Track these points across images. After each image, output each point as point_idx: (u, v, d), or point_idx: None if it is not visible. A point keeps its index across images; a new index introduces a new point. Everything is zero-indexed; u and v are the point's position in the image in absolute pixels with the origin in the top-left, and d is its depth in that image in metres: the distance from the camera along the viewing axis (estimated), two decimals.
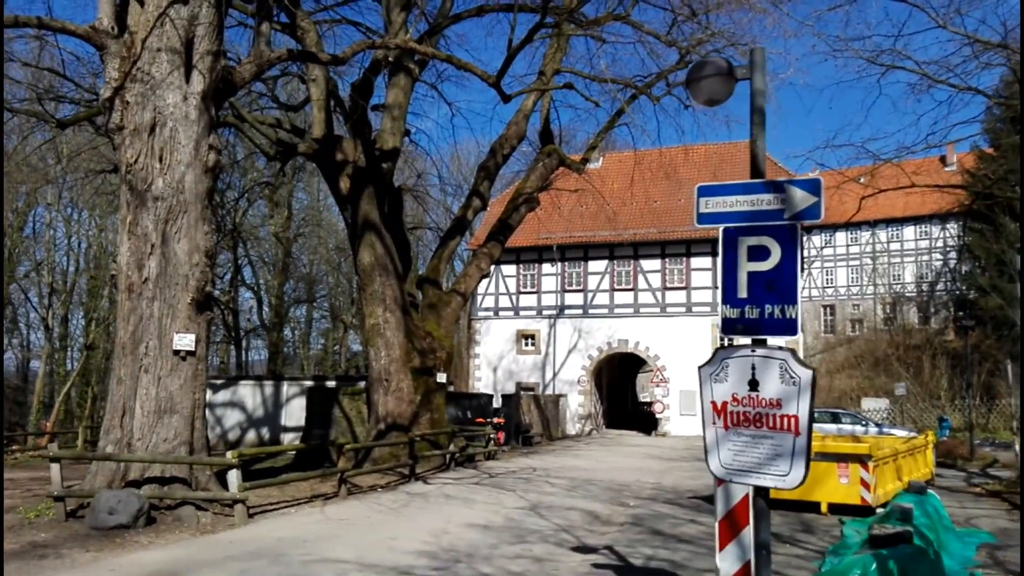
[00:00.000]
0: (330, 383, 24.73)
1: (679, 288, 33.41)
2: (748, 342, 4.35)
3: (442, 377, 18.43)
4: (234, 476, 10.40)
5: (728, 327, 4.45)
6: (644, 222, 33.97)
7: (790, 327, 4.25)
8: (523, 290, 36.39)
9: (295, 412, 24.58)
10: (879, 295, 52.63)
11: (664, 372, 32.86)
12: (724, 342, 5.52)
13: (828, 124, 72.25)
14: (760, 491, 4.30)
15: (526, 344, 36.08)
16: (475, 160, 40.82)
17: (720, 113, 35.64)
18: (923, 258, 52.00)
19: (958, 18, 13.38)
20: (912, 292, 51.32)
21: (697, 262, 33.18)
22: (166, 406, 10.58)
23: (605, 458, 21.28)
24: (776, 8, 15.24)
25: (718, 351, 4.42)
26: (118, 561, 8.06)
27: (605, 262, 34.79)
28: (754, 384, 4.22)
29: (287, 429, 25.45)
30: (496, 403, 27.07)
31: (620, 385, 41.07)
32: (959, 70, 13.68)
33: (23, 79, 18.89)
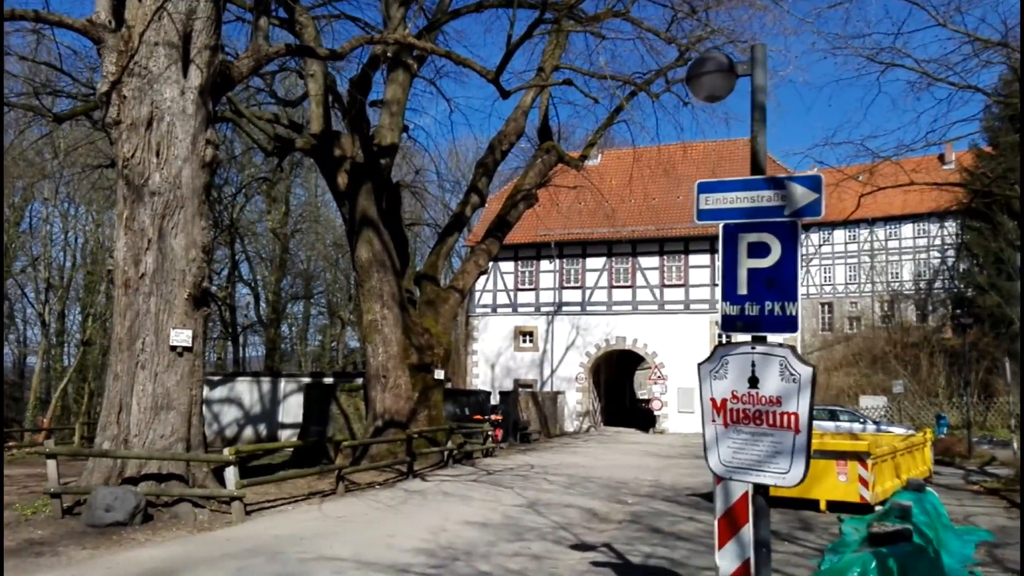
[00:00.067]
0: (328, 380, 24.69)
1: (677, 285, 33.39)
2: (748, 339, 4.33)
3: (440, 374, 18.42)
4: (231, 473, 10.37)
5: (728, 324, 4.43)
6: (642, 219, 33.93)
7: (790, 324, 4.23)
8: (521, 287, 36.35)
9: (292, 409, 24.55)
10: (877, 293, 52.67)
11: (662, 369, 32.85)
12: (722, 339, 5.51)
13: (827, 122, 72.34)
14: (760, 489, 4.29)
15: (524, 341, 36.05)
16: (473, 156, 40.85)
17: (719, 110, 35.63)
18: (921, 256, 52.05)
19: (958, 16, 13.37)
20: (910, 290, 51.37)
21: (695, 259, 33.16)
22: (163, 402, 10.54)
23: (603, 455, 21.28)
24: (776, 5, 15.23)
25: (718, 348, 4.40)
26: (115, 559, 8.03)
27: (603, 259, 34.75)
28: (754, 381, 4.20)
29: (284, 426, 25.44)
30: (494, 400, 27.06)
31: (618, 382, 41.09)
32: (959, 68, 13.69)
33: (20, 73, 18.84)
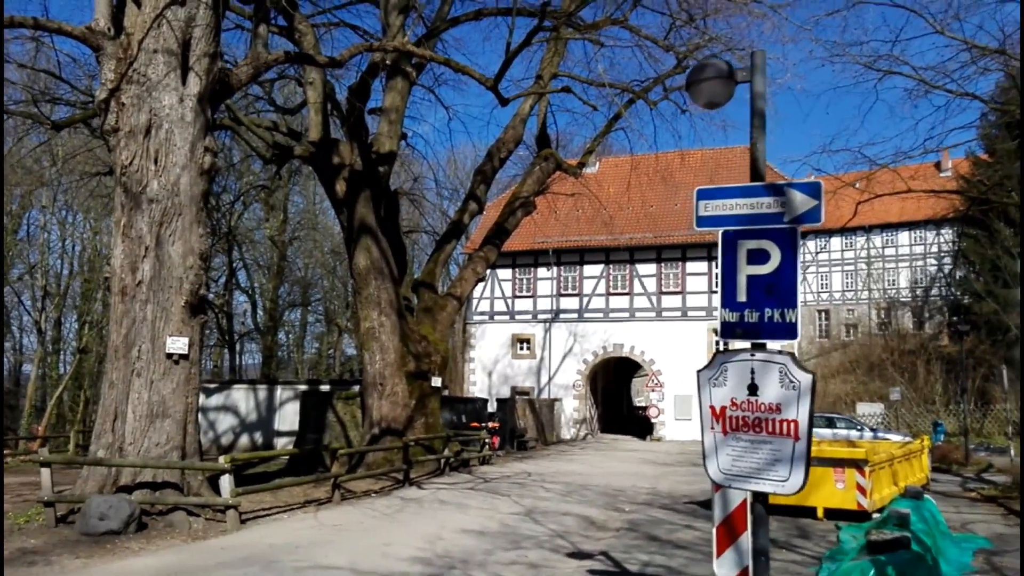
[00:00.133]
0: (324, 387, 24.60)
1: (675, 293, 33.40)
2: (747, 346, 4.31)
3: (437, 381, 18.38)
4: (226, 481, 10.31)
5: (727, 331, 4.41)
6: (640, 227, 33.96)
7: (790, 331, 4.21)
8: (519, 294, 36.33)
9: (289, 416, 24.45)
10: (874, 300, 52.75)
11: (659, 377, 32.84)
12: (720, 346, 5.49)
13: (825, 129, 72.54)
14: (759, 496, 4.26)
15: (521, 348, 36.01)
16: (472, 164, 40.97)
17: (717, 117, 35.73)
18: (918, 263, 52.15)
19: (956, 23, 13.45)
20: (907, 297, 51.45)
21: (693, 267, 33.19)
22: (158, 410, 10.49)
23: (600, 463, 21.23)
24: (774, 13, 15.28)
25: (717, 355, 4.38)
26: (108, 568, 7.97)
27: (601, 266, 34.77)
28: (753, 388, 4.18)
29: (280, 434, 25.32)
30: (491, 407, 27.01)
31: (615, 390, 41.04)
32: (956, 75, 13.75)
33: (19, 80, 18.80)
